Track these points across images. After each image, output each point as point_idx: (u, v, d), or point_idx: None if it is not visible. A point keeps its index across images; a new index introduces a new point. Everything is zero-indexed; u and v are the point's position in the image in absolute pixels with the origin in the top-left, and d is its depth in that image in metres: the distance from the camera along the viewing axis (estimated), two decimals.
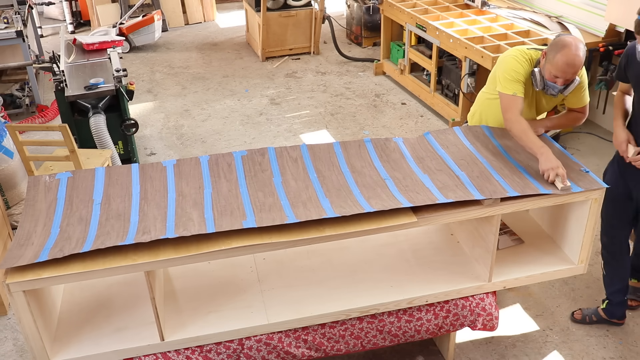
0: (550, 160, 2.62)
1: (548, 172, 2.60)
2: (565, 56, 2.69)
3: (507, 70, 2.89)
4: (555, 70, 2.74)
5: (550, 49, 2.77)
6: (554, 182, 2.60)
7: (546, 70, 2.79)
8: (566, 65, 2.71)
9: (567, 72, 2.73)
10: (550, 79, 2.80)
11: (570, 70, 2.72)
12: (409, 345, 3.20)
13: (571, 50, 2.69)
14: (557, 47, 2.73)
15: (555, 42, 2.76)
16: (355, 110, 5.92)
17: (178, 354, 2.51)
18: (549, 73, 2.78)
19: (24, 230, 2.42)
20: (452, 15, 5.64)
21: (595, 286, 3.60)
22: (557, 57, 2.71)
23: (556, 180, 2.59)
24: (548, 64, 2.77)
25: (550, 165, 2.60)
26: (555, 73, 2.75)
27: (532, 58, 2.90)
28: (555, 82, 2.79)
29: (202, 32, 8.24)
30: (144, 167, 2.78)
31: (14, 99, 5.87)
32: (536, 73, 2.84)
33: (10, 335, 3.36)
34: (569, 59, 2.70)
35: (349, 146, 2.90)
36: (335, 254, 2.91)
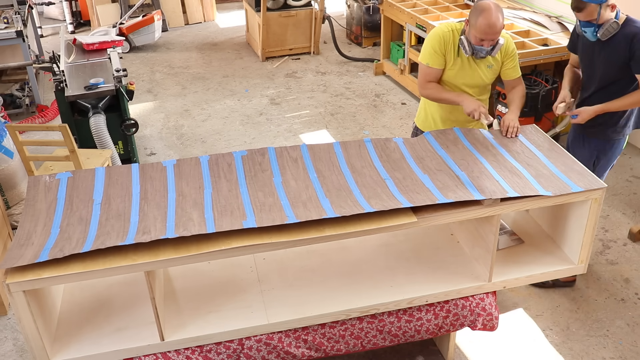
0: (471, 103, 3.02)
1: (473, 113, 3.00)
2: (486, 19, 2.91)
3: (426, 43, 3.16)
4: (479, 33, 2.95)
5: (472, 15, 2.99)
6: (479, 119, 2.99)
7: (471, 35, 3.01)
8: (488, 27, 2.92)
9: (489, 34, 2.95)
10: (476, 43, 3.01)
11: (492, 31, 2.94)
12: (409, 345, 3.20)
13: (490, 14, 2.91)
14: (477, 12, 2.96)
15: (475, 7, 2.99)
16: (355, 110, 5.92)
17: (178, 354, 2.51)
18: (474, 37, 3.00)
19: (24, 230, 2.42)
20: (452, 15, 5.64)
21: (595, 286, 3.60)
22: (479, 20, 2.93)
23: (482, 118, 2.98)
24: (472, 29, 2.99)
25: (473, 107, 3.00)
26: (479, 36, 2.96)
27: (457, 29, 3.12)
28: (481, 44, 3.00)
29: (202, 32, 8.24)
30: (144, 167, 2.78)
31: (14, 99, 5.87)
32: (463, 40, 3.05)
33: (10, 335, 3.36)
34: (490, 22, 2.91)
35: (349, 146, 2.90)
36: (335, 254, 2.91)
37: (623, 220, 4.17)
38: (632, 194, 4.48)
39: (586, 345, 3.22)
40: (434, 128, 3.34)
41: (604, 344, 3.23)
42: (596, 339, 3.26)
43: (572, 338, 3.27)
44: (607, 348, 3.21)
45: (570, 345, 3.23)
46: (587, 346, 3.22)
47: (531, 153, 2.87)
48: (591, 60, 3.14)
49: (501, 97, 4.79)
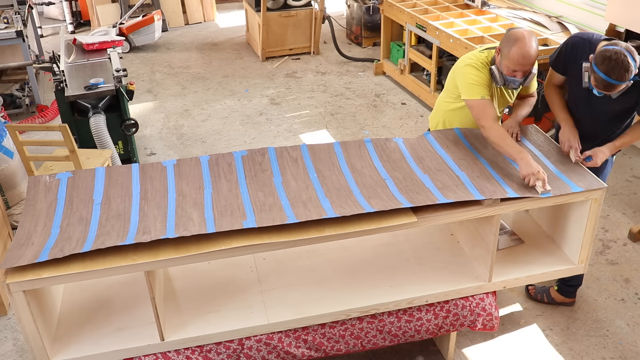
0: (530, 166, 2.62)
1: (529, 177, 2.61)
2: (520, 49, 2.74)
3: (467, 77, 2.91)
4: (513, 64, 2.78)
5: (504, 44, 2.81)
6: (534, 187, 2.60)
7: (503, 66, 2.83)
8: (522, 58, 2.75)
9: (524, 65, 2.78)
10: (509, 74, 2.84)
11: (526, 62, 2.77)
12: (409, 345, 3.20)
13: (525, 43, 2.74)
14: (510, 42, 2.78)
15: (508, 36, 2.81)
16: (355, 110, 5.92)
17: (178, 354, 2.51)
18: (506, 68, 2.82)
19: (24, 230, 2.42)
20: (452, 15, 5.64)
21: (595, 286, 3.60)
22: (512, 51, 2.76)
23: (537, 185, 2.59)
24: (504, 59, 2.81)
25: (530, 170, 2.60)
26: (512, 67, 2.79)
27: (487, 59, 2.94)
28: (514, 75, 2.83)
29: (202, 32, 8.24)
30: (144, 167, 2.78)
31: (14, 99, 5.87)
32: (494, 70, 2.88)
33: (10, 335, 3.36)
34: (524, 52, 2.74)
35: (349, 146, 2.90)
36: (335, 254, 2.91)
37: (623, 220, 4.17)
38: (632, 194, 4.48)
39: (586, 345, 3.22)
40: None
41: (604, 344, 3.23)
42: (596, 339, 3.26)
43: (572, 338, 3.27)
44: (607, 348, 3.21)
45: (570, 345, 3.23)
46: (587, 346, 3.22)
47: (531, 153, 2.87)
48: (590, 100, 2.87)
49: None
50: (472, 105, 2.88)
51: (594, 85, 2.67)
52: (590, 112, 2.94)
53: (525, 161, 2.63)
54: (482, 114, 2.83)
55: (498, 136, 2.76)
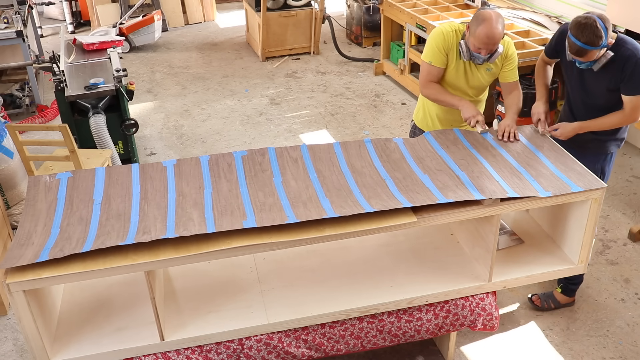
0: (470, 110, 3.01)
1: (469, 119, 3.00)
2: (486, 28, 2.89)
3: (430, 40, 3.13)
4: (478, 42, 2.94)
5: (472, 22, 2.97)
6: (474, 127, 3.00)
7: (470, 42, 2.99)
8: (486, 38, 2.90)
9: (487, 44, 2.93)
10: (474, 50, 3.00)
11: (490, 41, 2.92)
12: (409, 345, 3.20)
13: (491, 24, 2.89)
14: (477, 21, 2.93)
15: (476, 15, 2.96)
16: (355, 110, 5.92)
17: (178, 354, 2.51)
18: (472, 45, 2.98)
19: (24, 230, 2.42)
20: (452, 15, 5.64)
21: (595, 286, 3.60)
22: (478, 30, 2.91)
23: (477, 125, 3.00)
24: (471, 37, 2.97)
25: (470, 113, 3.00)
26: (477, 45, 2.95)
27: (460, 30, 3.10)
28: (479, 52, 2.99)
29: (202, 32, 8.24)
30: (144, 167, 2.78)
31: (14, 99, 5.87)
32: (462, 44, 3.04)
33: (10, 335, 3.36)
34: (489, 32, 2.89)
35: (349, 146, 2.90)
36: (335, 254, 2.91)
37: (623, 220, 4.17)
38: (632, 194, 4.48)
39: (586, 345, 3.22)
40: (432, 126, 3.34)
41: (604, 344, 3.23)
42: (596, 339, 3.26)
43: (572, 338, 3.27)
44: (607, 348, 3.21)
45: (570, 345, 3.23)
46: (587, 346, 3.22)
47: (531, 153, 2.87)
48: (580, 80, 3.00)
49: (501, 97, 4.79)
50: (421, 65, 3.19)
51: (569, 52, 2.84)
52: (582, 98, 3.04)
53: (467, 106, 3.03)
54: (424, 75, 3.16)
55: (435, 92, 3.12)
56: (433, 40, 3.11)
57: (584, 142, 3.06)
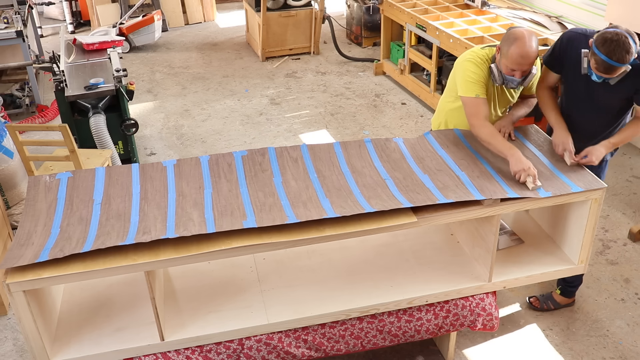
0: (520, 162, 2.64)
1: (519, 174, 2.63)
2: (519, 48, 2.73)
3: (465, 74, 2.91)
4: (511, 63, 2.78)
5: (504, 43, 2.81)
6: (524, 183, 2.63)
7: (502, 64, 2.82)
8: (521, 58, 2.75)
9: (522, 64, 2.77)
10: (507, 73, 2.83)
11: (525, 62, 2.76)
12: (409, 345, 3.20)
13: (524, 42, 2.73)
14: (509, 41, 2.77)
15: (507, 35, 2.80)
16: (355, 110, 5.92)
17: (178, 354, 2.51)
18: (505, 67, 2.82)
19: (24, 230, 2.42)
20: (452, 15, 5.64)
21: (595, 286, 3.60)
22: (511, 50, 2.75)
23: (527, 181, 2.62)
24: (503, 58, 2.80)
25: (521, 166, 2.63)
26: (511, 66, 2.79)
27: (488, 56, 2.94)
28: (513, 75, 2.82)
29: (202, 32, 8.24)
30: (144, 167, 2.78)
31: (14, 99, 5.86)
32: (493, 69, 2.87)
33: (10, 335, 3.36)
34: (523, 51, 2.73)
35: (349, 146, 2.90)
36: (335, 254, 2.91)
37: (623, 220, 4.17)
38: (632, 194, 4.48)
39: (586, 345, 3.22)
40: None
41: (604, 344, 3.23)
42: (596, 339, 3.26)
43: (572, 338, 3.27)
44: (607, 348, 3.21)
45: (570, 345, 3.23)
46: (587, 346, 3.22)
47: (531, 153, 2.87)
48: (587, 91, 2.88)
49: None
50: (466, 102, 2.90)
51: (594, 68, 2.67)
52: (588, 106, 2.93)
53: (516, 157, 2.66)
54: (474, 111, 2.85)
55: (488, 134, 2.79)
56: (468, 71, 2.90)
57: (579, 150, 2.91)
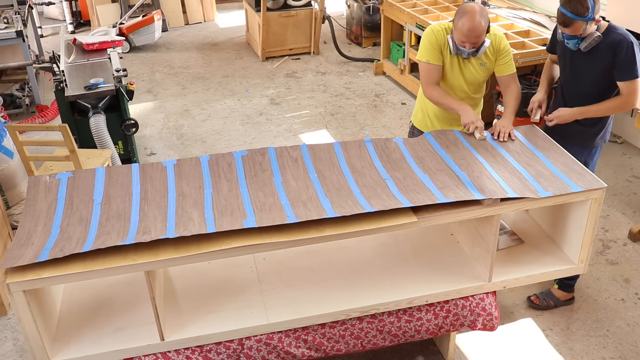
0: (469, 115, 3.00)
1: (468, 125, 2.98)
2: (468, 21, 2.92)
3: (422, 41, 3.16)
4: (460, 35, 2.97)
5: (455, 16, 3.00)
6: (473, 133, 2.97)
7: (455, 36, 3.03)
8: (468, 31, 2.93)
9: (470, 37, 2.95)
10: (459, 44, 3.02)
11: (472, 34, 2.94)
12: (409, 345, 3.20)
13: (473, 16, 2.91)
14: (459, 14, 2.96)
15: (458, 9, 2.99)
16: (355, 110, 5.92)
17: (178, 354, 2.51)
18: (457, 39, 3.01)
19: (24, 230, 2.42)
20: (452, 15, 5.64)
21: (595, 286, 3.60)
22: (460, 23, 2.94)
23: (475, 132, 2.97)
24: (455, 30, 3.01)
25: (470, 119, 2.98)
26: (460, 38, 2.98)
27: (449, 27, 3.11)
28: (464, 46, 3.01)
29: (202, 32, 8.24)
30: (144, 167, 2.78)
31: (14, 99, 5.87)
32: (449, 39, 3.06)
33: (10, 335, 3.36)
34: (470, 25, 2.92)
35: (349, 146, 2.90)
36: (335, 254, 2.91)
37: (623, 220, 4.17)
38: (632, 194, 4.48)
39: (586, 345, 3.22)
40: (431, 127, 3.33)
41: (604, 344, 3.23)
42: (596, 339, 3.26)
43: (572, 338, 3.27)
44: (607, 348, 3.21)
45: (570, 345, 3.23)
46: (587, 346, 3.22)
47: (531, 153, 2.87)
48: (572, 67, 3.08)
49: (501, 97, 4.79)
50: (420, 66, 3.18)
51: (557, 24, 2.95)
52: (571, 79, 3.12)
53: (466, 112, 3.01)
54: (425, 76, 3.15)
55: (438, 95, 3.11)
56: (425, 39, 3.14)
57: (570, 133, 3.11)
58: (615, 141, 5.13)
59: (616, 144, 5.11)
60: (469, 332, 3.24)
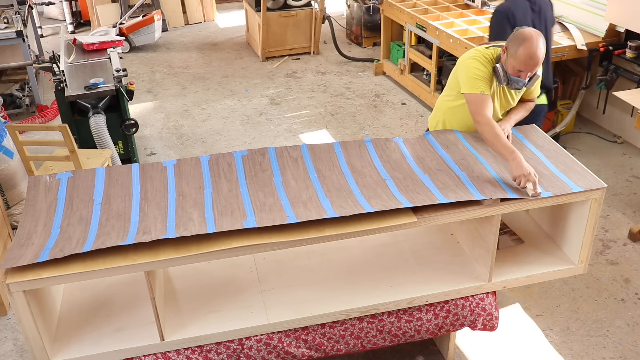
0: (522, 167, 2.58)
1: (519, 179, 2.57)
2: (528, 49, 2.71)
3: (470, 71, 2.88)
4: (519, 64, 2.75)
5: (511, 43, 2.78)
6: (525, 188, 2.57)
7: (509, 65, 2.80)
8: (529, 59, 2.72)
9: (529, 65, 2.75)
10: (513, 74, 2.81)
11: (532, 62, 2.74)
12: (409, 345, 3.20)
13: (532, 43, 2.71)
14: (518, 41, 2.74)
15: (516, 35, 2.78)
16: (355, 110, 5.92)
17: (178, 354, 2.51)
18: (512, 68, 2.79)
19: (24, 230, 2.42)
20: (452, 15, 5.64)
21: (595, 286, 3.60)
22: (520, 50, 2.72)
23: (527, 187, 2.56)
24: (510, 58, 2.78)
25: (521, 171, 2.57)
26: (518, 67, 2.77)
27: (492, 56, 2.91)
28: (519, 76, 2.81)
29: (202, 32, 8.24)
30: (144, 167, 2.78)
31: (14, 99, 5.87)
32: (498, 69, 2.84)
33: (10, 335, 3.36)
34: (531, 52, 2.71)
35: (349, 146, 2.90)
36: (335, 254, 2.91)
37: (623, 220, 4.17)
38: (632, 194, 4.48)
39: (586, 345, 3.22)
40: None
41: (604, 344, 3.23)
42: (596, 339, 3.26)
43: (572, 338, 3.27)
44: (607, 348, 3.21)
45: (570, 345, 3.23)
46: (587, 346, 3.22)
47: (531, 153, 2.87)
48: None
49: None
50: (470, 99, 2.85)
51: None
52: None
53: (517, 162, 2.60)
54: (479, 108, 2.81)
55: (492, 134, 2.74)
56: (474, 68, 2.86)
57: None
58: (615, 141, 5.13)
59: (616, 144, 5.11)
60: (469, 332, 3.24)
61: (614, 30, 4.84)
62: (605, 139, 5.15)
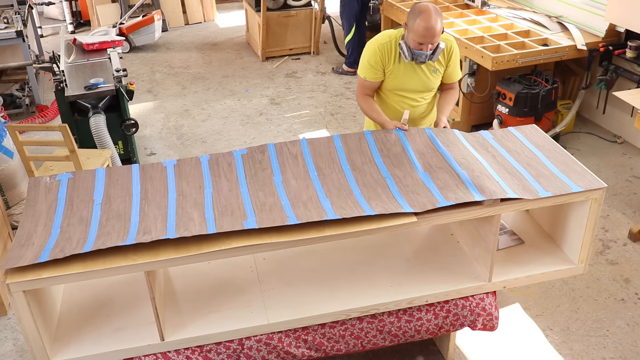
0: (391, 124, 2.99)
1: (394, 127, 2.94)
2: (424, 21, 2.81)
3: (363, 56, 3.10)
4: (417, 36, 2.85)
5: (409, 17, 2.89)
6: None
7: (410, 39, 2.90)
8: (426, 30, 2.82)
9: (427, 37, 2.83)
10: (416, 47, 2.91)
11: (429, 34, 2.83)
12: (409, 345, 3.20)
13: (429, 15, 2.81)
14: (415, 14, 2.85)
15: (412, 10, 2.89)
16: (355, 110, 5.92)
17: (178, 354, 2.51)
18: (412, 41, 2.89)
19: (24, 231, 2.42)
20: (452, 15, 5.64)
21: (595, 286, 3.60)
22: (417, 23, 2.83)
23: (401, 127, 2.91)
24: (410, 32, 2.88)
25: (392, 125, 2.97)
26: (418, 40, 2.86)
27: (396, 35, 3.01)
28: (421, 49, 2.90)
29: (202, 32, 8.24)
30: (145, 167, 2.78)
31: (14, 99, 5.87)
32: (402, 45, 2.94)
33: (10, 335, 3.36)
34: (427, 24, 2.81)
35: (349, 139, 2.90)
36: (335, 254, 2.91)
37: (623, 220, 4.17)
38: (632, 194, 4.48)
39: (586, 345, 3.22)
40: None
41: (604, 344, 3.23)
42: (596, 339, 3.26)
43: (572, 338, 3.27)
44: (607, 348, 3.21)
45: (570, 345, 3.23)
46: (587, 346, 3.22)
47: (531, 153, 2.87)
48: None
49: (501, 97, 4.79)
50: (358, 81, 3.18)
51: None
52: None
53: (386, 125, 3.01)
54: (359, 89, 3.16)
55: (367, 105, 3.13)
56: (365, 55, 3.06)
57: None
58: (615, 141, 5.13)
59: (616, 144, 5.11)
60: (469, 332, 3.24)
61: (614, 30, 4.84)
62: (605, 139, 5.15)
